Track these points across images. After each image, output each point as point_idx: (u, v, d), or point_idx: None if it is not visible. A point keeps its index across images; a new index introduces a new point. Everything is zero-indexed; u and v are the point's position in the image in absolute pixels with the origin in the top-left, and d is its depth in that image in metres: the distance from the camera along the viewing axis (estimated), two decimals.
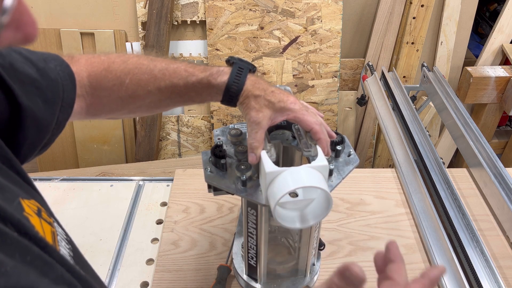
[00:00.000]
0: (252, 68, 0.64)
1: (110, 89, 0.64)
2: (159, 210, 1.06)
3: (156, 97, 0.65)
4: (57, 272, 0.36)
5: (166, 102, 0.67)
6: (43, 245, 0.37)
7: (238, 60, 0.64)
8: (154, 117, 1.80)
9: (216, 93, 0.64)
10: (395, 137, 1.22)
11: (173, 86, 0.64)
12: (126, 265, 0.92)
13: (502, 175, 1.05)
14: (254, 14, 1.73)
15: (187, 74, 0.64)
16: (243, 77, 0.63)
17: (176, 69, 0.64)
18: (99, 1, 1.73)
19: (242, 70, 0.63)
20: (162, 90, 0.64)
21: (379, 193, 1.10)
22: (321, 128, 0.63)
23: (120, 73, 0.64)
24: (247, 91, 0.62)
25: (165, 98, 0.66)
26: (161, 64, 0.65)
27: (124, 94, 0.64)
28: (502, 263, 0.93)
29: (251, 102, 0.62)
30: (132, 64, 0.65)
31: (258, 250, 0.76)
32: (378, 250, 0.55)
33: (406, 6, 1.79)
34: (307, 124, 0.63)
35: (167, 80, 0.64)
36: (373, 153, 2.09)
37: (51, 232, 0.42)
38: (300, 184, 0.58)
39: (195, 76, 0.63)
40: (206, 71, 0.64)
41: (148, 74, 0.64)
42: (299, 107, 0.63)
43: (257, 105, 0.62)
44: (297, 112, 0.62)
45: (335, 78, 1.84)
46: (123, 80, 0.64)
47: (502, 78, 1.74)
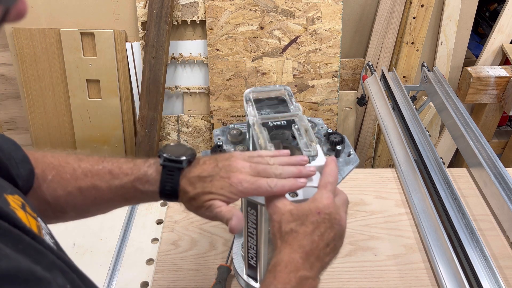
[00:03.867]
0: (183, 163, 0.58)
1: (34, 184, 0.58)
2: (159, 210, 1.06)
3: (78, 200, 0.60)
4: (48, 259, 0.38)
5: (95, 207, 0.62)
6: (32, 236, 0.38)
7: (166, 159, 0.58)
8: (154, 117, 1.80)
9: (150, 198, 0.60)
10: (395, 137, 1.22)
11: (96, 188, 0.59)
12: (126, 265, 0.92)
13: (502, 175, 1.05)
14: (254, 14, 1.73)
15: (110, 177, 0.59)
16: (175, 181, 0.57)
17: (100, 170, 0.59)
18: (99, 1, 1.73)
19: (172, 173, 0.57)
20: (83, 192, 0.59)
21: (379, 193, 1.10)
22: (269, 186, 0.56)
23: (46, 167, 0.59)
24: (184, 191, 0.58)
25: (90, 202, 0.60)
26: (85, 164, 0.60)
27: (46, 192, 0.59)
28: (502, 263, 0.93)
29: (195, 199, 0.57)
30: (58, 161, 0.60)
31: (258, 250, 0.76)
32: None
33: (406, 6, 1.79)
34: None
35: (88, 182, 0.59)
36: (373, 153, 2.09)
37: (36, 225, 0.43)
38: None
39: (119, 180, 0.58)
40: (132, 173, 0.58)
41: (70, 173, 0.59)
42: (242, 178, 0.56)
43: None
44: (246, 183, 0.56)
45: (335, 78, 1.84)
46: (47, 176, 0.58)
47: (502, 78, 1.74)
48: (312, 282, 0.52)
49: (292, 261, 0.52)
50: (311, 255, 0.52)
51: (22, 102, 1.92)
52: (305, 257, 0.52)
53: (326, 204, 0.54)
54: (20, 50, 1.78)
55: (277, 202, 0.55)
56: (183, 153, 0.59)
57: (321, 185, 0.57)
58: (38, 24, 1.76)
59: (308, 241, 0.53)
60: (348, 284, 0.88)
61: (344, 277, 0.90)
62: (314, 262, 0.53)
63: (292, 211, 0.54)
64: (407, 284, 0.89)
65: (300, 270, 0.51)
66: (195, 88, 1.89)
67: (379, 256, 0.94)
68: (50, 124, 1.93)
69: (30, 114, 1.90)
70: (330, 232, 0.54)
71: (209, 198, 0.56)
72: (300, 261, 0.52)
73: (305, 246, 0.52)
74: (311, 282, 0.52)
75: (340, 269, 0.91)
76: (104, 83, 1.83)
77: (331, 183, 0.57)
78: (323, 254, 0.53)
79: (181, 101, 1.94)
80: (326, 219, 0.54)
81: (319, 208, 0.54)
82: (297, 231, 0.53)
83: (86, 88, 1.84)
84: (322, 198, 0.55)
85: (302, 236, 0.53)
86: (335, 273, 0.90)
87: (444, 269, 0.88)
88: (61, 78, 1.84)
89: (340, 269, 0.91)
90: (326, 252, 0.54)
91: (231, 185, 0.56)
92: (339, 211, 0.55)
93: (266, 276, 0.52)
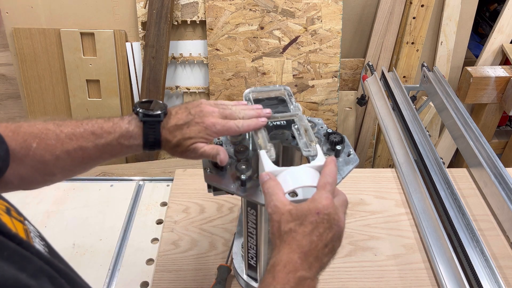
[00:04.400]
0: (161, 116, 0.64)
1: (18, 153, 0.60)
2: (159, 210, 1.06)
3: (67, 162, 0.64)
4: (35, 265, 0.37)
5: (81, 166, 0.66)
6: (18, 241, 0.38)
7: (145, 115, 0.64)
8: None
9: (134, 150, 0.65)
10: (395, 137, 1.22)
11: (82, 149, 0.63)
12: (126, 265, 0.92)
13: (502, 175, 1.05)
14: (254, 14, 1.73)
15: (94, 137, 0.63)
16: (157, 133, 0.64)
17: (82, 133, 0.63)
18: (99, 1, 1.73)
19: (153, 126, 0.64)
20: (71, 154, 0.63)
21: (379, 193, 1.10)
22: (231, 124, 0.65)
23: (28, 136, 0.61)
24: (166, 141, 0.64)
25: (78, 163, 0.65)
26: (67, 128, 0.63)
27: (32, 159, 0.61)
28: (502, 263, 0.93)
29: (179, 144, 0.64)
30: (38, 129, 0.62)
31: (258, 250, 0.76)
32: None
33: (406, 6, 1.79)
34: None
35: (74, 144, 0.63)
36: (373, 153, 2.09)
37: (24, 229, 0.43)
38: (299, 183, 0.58)
39: (104, 139, 0.63)
40: (115, 131, 0.63)
41: (54, 139, 0.62)
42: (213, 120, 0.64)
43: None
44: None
45: (335, 78, 1.84)
46: (30, 144, 0.61)
47: (502, 78, 1.74)
48: (310, 282, 0.52)
49: (290, 261, 0.52)
50: (310, 255, 0.53)
51: (22, 102, 1.92)
52: (303, 257, 0.52)
53: (325, 204, 0.54)
54: (20, 50, 1.78)
55: (277, 202, 0.56)
56: (157, 108, 0.65)
57: (320, 186, 0.57)
58: (38, 24, 1.76)
59: (307, 241, 0.53)
60: (348, 284, 0.88)
61: (344, 277, 0.90)
62: (312, 263, 0.53)
63: (292, 211, 0.55)
64: (407, 284, 0.89)
65: (298, 270, 0.51)
66: (195, 88, 1.89)
67: (379, 256, 0.94)
68: None
69: (30, 114, 1.90)
70: (329, 232, 0.54)
71: (191, 143, 0.64)
72: (299, 261, 0.52)
73: (304, 246, 0.53)
74: (310, 283, 0.52)
75: (340, 269, 0.91)
76: (104, 83, 1.83)
77: (330, 183, 0.57)
78: (322, 255, 0.54)
79: (181, 101, 1.94)
80: (325, 220, 0.54)
81: (318, 209, 0.54)
82: (296, 231, 0.53)
83: (86, 88, 1.85)
84: (321, 199, 0.55)
85: (301, 236, 0.53)
86: (335, 273, 0.90)
87: (444, 269, 0.88)
88: (61, 78, 1.84)
89: (340, 269, 0.91)
90: (324, 252, 0.54)
91: (206, 128, 0.64)
92: (338, 212, 0.56)
93: (265, 276, 0.52)
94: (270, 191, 0.57)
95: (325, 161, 0.60)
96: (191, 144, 0.63)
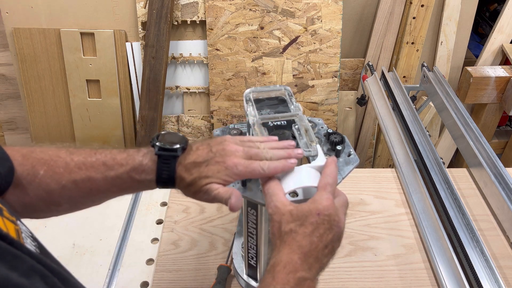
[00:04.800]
0: (178, 151, 0.59)
1: (24, 179, 0.58)
2: (159, 210, 1.06)
3: (73, 193, 0.60)
4: (27, 264, 0.37)
5: (89, 198, 0.62)
6: (10, 241, 0.37)
7: (161, 148, 0.59)
8: (154, 117, 1.80)
9: (146, 187, 0.61)
10: (395, 137, 1.22)
11: (90, 180, 0.59)
12: (126, 265, 0.92)
13: (502, 175, 1.05)
14: (254, 14, 1.73)
15: (105, 168, 0.59)
16: (171, 169, 0.59)
17: (94, 162, 0.59)
18: (99, 1, 1.73)
19: (168, 162, 0.59)
20: (79, 185, 0.59)
21: (379, 193, 1.10)
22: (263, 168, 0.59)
23: (36, 162, 0.59)
24: (181, 178, 0.59)
25: (86, 194, 0.61)
26: (78, 157, 0.60)
27: (38, 187, 0.58)
28: (502, 263, 0.93)
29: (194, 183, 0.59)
30: (49, 155, 0.60)
31: (258, 250, 0.76)
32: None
33: (406, 6, 1.79)
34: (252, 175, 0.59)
35: (83, 174, 0.59)
36: (373, 153, 2.09)
37: (15, 229, 0.42)
38: (300, 184, 0.58)
39: (114, 171, 0.59)
40: (127, 164, 0.59)
41: (63, 167, 0.59)
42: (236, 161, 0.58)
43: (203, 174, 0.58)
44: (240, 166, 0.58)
45: (335, 78, 1.84)
46: (38, 171, 0.58)
47: (502, 78, 1.74)
48: (310, 283, 0.52)
49: (291, 261, 0.52)
50: (310, 256, 0.53)
51: (22, 102, 1.92)
52: (303, 258, 0.52)
53: (325, 205, 0.54)
54: (20, 50, 1.78)
55: (277, 202, 0.56)
56: (176, 142, 0.60)
57: (320, 186, 0.57)
58: (38, 24, 1.76)
59: (307, 242, 0.53)
60: (348, 284, 0.88)
61: (344, 277, 0.90)
62: (312, 263, 0.53)
63: (292, 211, 0.55)
64: (407, 284, 0.89)
65: (298, 271, 0.51)
66: (195, 88, 1.89)
67: (379, 256, 0.94)
68: (50, 124, 1.93)
69: (30, 114, 1.90)
70: (329, 233, 0.54)
71: (206, 182, 0.58)
72: (299, 261, 0.52)
73: (304, 246, 0.52)
74: (310, 283, 0.52)
75: (340, 269, 0.91)
76: (104, 83, 1.83)
77: (331, 184, 0.57)
78: (322, 255, 0.54)
79: (181, 101, 1.94)
80: (326, 220, 0.54)
81: (318, 209, 0.54)
82: (296, 232, 0.53)
83: (86, 88, 1.85)
84: (322, 199, 0.55)
85: (301, 236, 0.53)
86: (335, 273, 0.90)
87: (444, 269, 0.88)
88: (61, 78, 1.84)
89: (340, 269, 0.91)
90: (324, 253, 0.54)
91: (227, 168, 0.58)
92: (338, 213, 0.56)
93: (265, 276, 0.52)
94: (271, 192, 0.57)
95: (326, 162, 0.60)
96: (205, 184, 0.58)
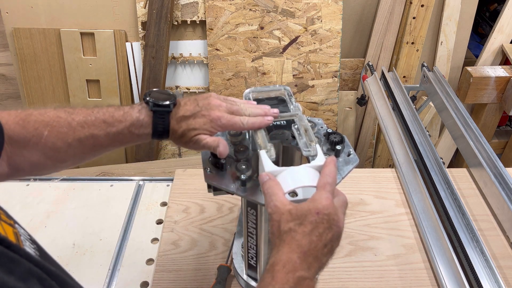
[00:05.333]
0: (170, 107, 0.65)
1: (29, 141, 0.62)
2: (159, 210, 1.06)
3: (78, 150, 0.65)
4: (24, 267, 0.37)
5: (91, 153, 0.67)
6: (7, 244, 0.38)
7: (156, 105, 0.65)
8: None
9: (143, 139, 0.67)
10: (395, 137, 1.22)
11: (94, 137, 0.64)
12: (126, 265, 0.92)
13: (502, 175, 1.05)
14: (254, 14, 1.73)
15: (106, 125, 0.64)
16: (166, 123, 0.65)
17: (94, 121, 0.64)
18: (99, 1, 1.73)
19: (163, 116, 0.65)
20: (83, 142, 0.64)
21: (379, 193, 1.10)
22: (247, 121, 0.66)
23: (39, 124, 0.63)
24: (173, 131, 0.65)
25: (89, 150, 0.66)
26: (79, 116, 0.64)
27: (44, 146, 0.63)
28: (502, 263, 0.93)
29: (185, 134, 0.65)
30: (50, 117, 0.64)
31: (258, 250, 0.76)
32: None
33: (406, 6, 1.79)
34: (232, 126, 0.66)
35: (86, 132, 0.64)
36: (373, 153, 2.09)
37: (13, 232, 0.42)
38: (299, 183, 0.58)
39: (115, 127, 0.65)
40: (126, 120, 0.65)
41: (66, 127, 0.64)
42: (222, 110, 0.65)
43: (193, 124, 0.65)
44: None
45: (335, 78, 1.84)
46: (42, 132, 0.63)
47: (502, 78, 1.74)
48: (309, 282, 0.52)
49: (290, 261, 0.52)
50: (309, 255, 0.53)
51: (22, 102, 1.92)
52: (303, 257, 0.52)
53: (325, 204, 0.54)
54: (20, 50, 1.78)
55: (277, 202, 0.56)
56: (167, 98, 0.66)
57: (320, 186, 0.57)
58: (38, 24, 1.76)
59: (306, 241, 0.53)
60: (348, 284, 0.88)
61: (344, 277, 0.90)
62: (312, 263, 0.53)
63: (291, 210, 0.55)
64: (407, 284, 0.89)
65: (298, 270, 0.51)
66: (195, 88, 1.89)
67: (379, 256, 0.94)
68: None
69: None
70: (328, 232, 0.54)
71: (194, 134, 0.65)
72: (298, 261, 0.52)
73: (304, 246, 0.53)
74: (309, 283, 0.52)
75: (340, 269, 0.91)
76: (104, 83, 1.83)
77: (330, 183, 0.57)
78: (321, 255, 0.54)
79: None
80: (325, 220, 0.54)
81: (318, 209, 0.54)
82: (295, 231, 0.53)
83: (86, 88, 1.85)
84: (321, 199, 0.55)
85: (300, 236, 0.53)
86: (335, 273, 0.90)
87: (444, 269, 0.88)
88: (61, 78, 1.84)
89: (340, 269, 0.91)
90: (323, 252, 0.54)
91: (211, 121, 0.64)
92: (338, 212, 0.56)
93: (264, 276, 0.52)
94: (270, 191, 0.57)
95: (325, 161, 0.60)
96: (194, 135, 0.65)
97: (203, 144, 0.65)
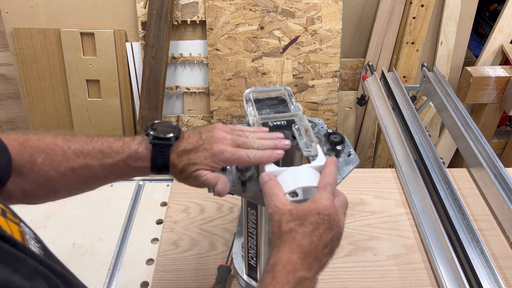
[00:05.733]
0: (171, 140, 0.61)
1: (23, 167, 0.59)
2: (159, 210, 1.06)
3: (71, 180, 0.62)
4: (30, 266, 0.37)
5: (86, 185, 0.64)
6: (13, 243, 0.38)
7: (155, 137, 0.61)
8: (154, 117, 1.80)
9: (141, 173, 0.63)
10: (395, 137, 1.22)
11: (88, 167, 0.61)
12: (126, 265, 0.92)
13: (502, 175, 1.05)
14: (254, 14, 1.73)
15: (102, 156, 0.61)
16: (165, 157, 0.61)
17: (91, 150, 0.62)
18: (99, 1, 1.73)
19: (163, 150, 0.61)
20: (76, 172, 0.61)
21: (379, 193, 1.10)
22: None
23: (34, 151, 0.60)
24: (173, 165, 0.61)
25: (83, 181, 0.63)
26: (75, 145, 0.62)
27: (37, 174, 0.60)
28: (502, 263, 0.93)
29: (185, 169, 0.61)
30: (46, 143, 0.61)
31: (258, 250, 0.76)
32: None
33: (406, 6, 1.79)
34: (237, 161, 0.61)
35: (81, 162, 0.61)
36: (373, 153, 2.09)
37: (19, 231, 0.42)
38: (300, 184, 0.58)
39: (111, 158, 0.61)
40: (123, 152, 0.61)
41: (61, 155, 0.61)
42: (226, 147, 0.60)
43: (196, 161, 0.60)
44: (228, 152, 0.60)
45: (335, 78, 1.84)
46: (36, 159, 0.60)
47: (502, 78, 1.74)
48: (310, 283, 0.52)
49: (290, 261, 0.52)
50: (310, 255, 0.53)
51: (22, 102, 1.92)
52: (303, 257, 0.52)
53: (325, 205, 0.54)
54: (20, 50, 1.78)
55: (277, 202, 0.56)
56: (170, 130, 0.62)
57: (320, 186, 0.57)
58: (38, 24, 1.76)
59: (307, 242, 0.53)
60: (348, 284, 0.88)
61: (344, 277, 0.90)
62: (312, 263, 0.53)
63: (292, 211, 0.55)
64: (407, 284, 0.89)
65: (298, 270, 0.51)
66: (195, 88, 1.89)
67: (379, 256, 0.94)
68: (50, 124, 1.93)
69: (30, 114, 1.90)
70: (328, 233, 0.54)
71: (195, 169, 0.60)
72: (299, 261, 0.52)
73: (304, 246, 0.52)
74: (309, 283, 0.52)
75: (340, 269, 0.91)
76: (104, 83, 1.83)
77: (331, 184, 0.57)
78: (321, 255, 0.54)
79: (181, 101, 1.94)
80: (326, 220, 0.54)
81: (318, 209, 0.54)
82: (296, 231, 0.53)
83: (86, 88, 1.85)
84: (322, 199, 0.55)
85: (301, 236, 0.53)
86: (335, 273, 0.90)
87: (444, 269, 0.88)
88: (61, 78, 1.84)
89: (340, 269, 0.91)
90: (324, 253, 0.54)
91: (214, 155, 0.60)
92: (338, 213, 0.56)
93: (264, 276, 0.52)
94: (271, 192, 0.57)
95: (326, 162, 0.60)
96: (194, 171, 0.60)
97: (203, 181, 0.60)
